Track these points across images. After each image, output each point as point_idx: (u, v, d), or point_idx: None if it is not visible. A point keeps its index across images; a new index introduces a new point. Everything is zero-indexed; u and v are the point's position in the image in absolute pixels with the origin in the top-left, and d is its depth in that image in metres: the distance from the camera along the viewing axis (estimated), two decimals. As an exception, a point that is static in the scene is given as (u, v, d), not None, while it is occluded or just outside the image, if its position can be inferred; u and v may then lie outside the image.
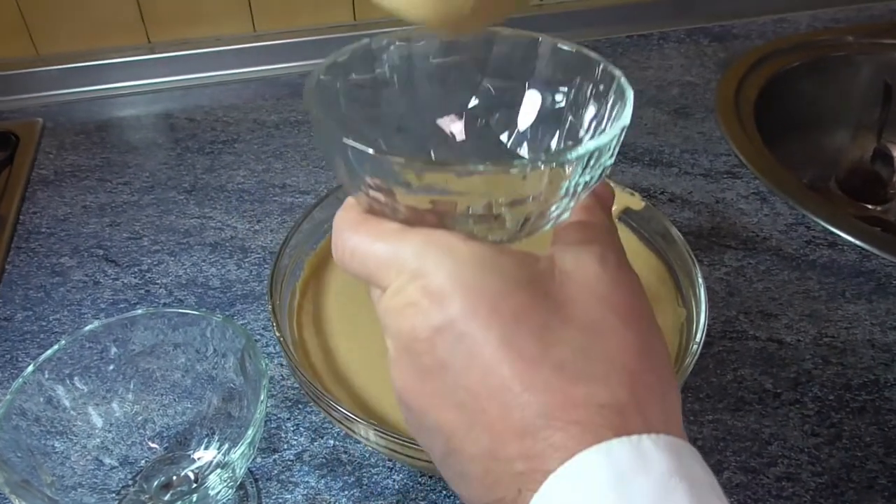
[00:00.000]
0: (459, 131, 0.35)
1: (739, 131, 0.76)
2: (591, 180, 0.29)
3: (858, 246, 0.63)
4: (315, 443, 0.49)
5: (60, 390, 0.42)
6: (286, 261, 0.49)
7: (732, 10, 0.95)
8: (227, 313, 0.58)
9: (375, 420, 0.42)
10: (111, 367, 0.44)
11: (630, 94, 0.30)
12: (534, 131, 0.34)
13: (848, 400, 0.51)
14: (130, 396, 0.45)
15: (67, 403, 0.43)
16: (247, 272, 0.62)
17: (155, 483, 0.44)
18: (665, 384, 0.27)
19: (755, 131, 0.77)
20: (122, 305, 0.59)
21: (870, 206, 0.84)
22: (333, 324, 0.49)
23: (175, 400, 0.46)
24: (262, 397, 0.39)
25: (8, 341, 0.57)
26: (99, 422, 0.44)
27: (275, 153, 0.75)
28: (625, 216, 0.53)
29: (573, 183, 0.28)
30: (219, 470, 0.38)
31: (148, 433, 0.45)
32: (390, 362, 0.28)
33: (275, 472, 0.48)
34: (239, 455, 0.38)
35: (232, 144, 0.77)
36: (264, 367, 0.41)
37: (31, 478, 0.38)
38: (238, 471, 0.39)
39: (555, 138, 0.34)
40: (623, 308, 0.27)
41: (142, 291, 0.61)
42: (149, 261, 0.63)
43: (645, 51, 0.90)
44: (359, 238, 0.29)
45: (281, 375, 0.53)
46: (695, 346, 0.43)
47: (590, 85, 0.32)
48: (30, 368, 0.41)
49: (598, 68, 0.32)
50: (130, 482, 0.43)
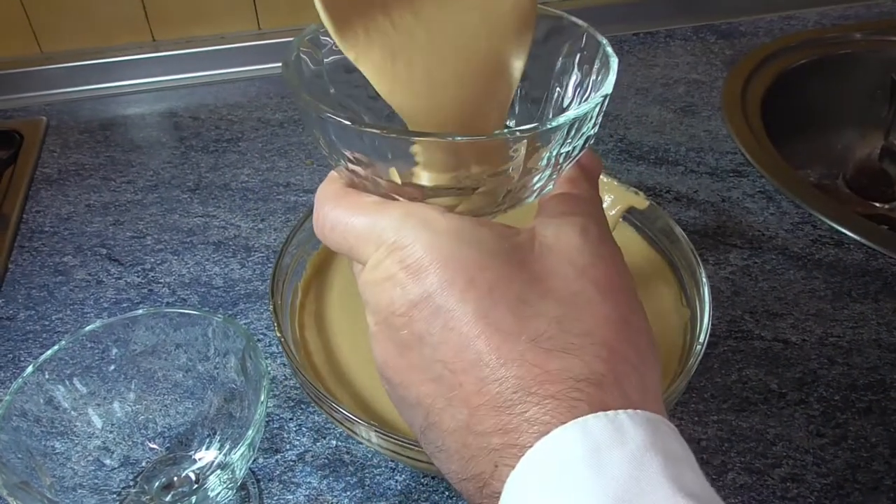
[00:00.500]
0: None
1: (746, 129, 0.76)
2: (574, 151, 0.29)
3: (865, 245, 0.63)
4: (317, 443, 0.49)
5: (61, 391, 0.42)
6: (288, 260, 0.49)
7: (739, 8, 0.94)
8: (230, 312, 0.58)
9: (377, 421, 0.41)
10: (112, 368, 0.44)
11: (614, 62, 0.30)
12: (521, 102, 0.34)
13: (854, 400, 0.51)
14: (131, 396, 0.45)
15: (68, 404, 0.42)
16: (250, 271, 0.62)
17: (156, 484, 0.44)
18: (644, 358, 0.27)
19: (762, 129, 0.77)
20: (125, 304, 0.59)
21: (877, 205, 0.84)
22: (336, 323, 0.48)
23: (176, 400, 0.46)
24: (263, 398, 0.39)
25: (10, 341, 0.57)
26: (99, 422, 0.44)
27: (279, 151, 0.75)
28: (628, 215, 0.52)
29: (554, 153, 0.28)
30: (219, 471, 0.38)
31: (149, 433, 0.45)
32: (370, 337, 0.28)
33: (277, 473, 0.47)
34: (239, 456, 0.38)
35: (236, 143, 0.77)
36: (265, 368, 0.40)
37: (31, 479, 0.38)
38: (238, 472, 0.39)
39: (540, 108, 0.34)
40: (603, 281, 0.27)
41: (145, 290, 0.60)
42: (152, 260, 0.63)
43: (651, 48, 0.89)
44: (339, 212, 0.29)
45: (283, 375, 0.53)
46: (698, 347, 0.42)
47: (576, 53, 0.32)
48: (30, 369, 0.40)
49: (584, 36, 0.32)
50: (131, 483, 0.43)
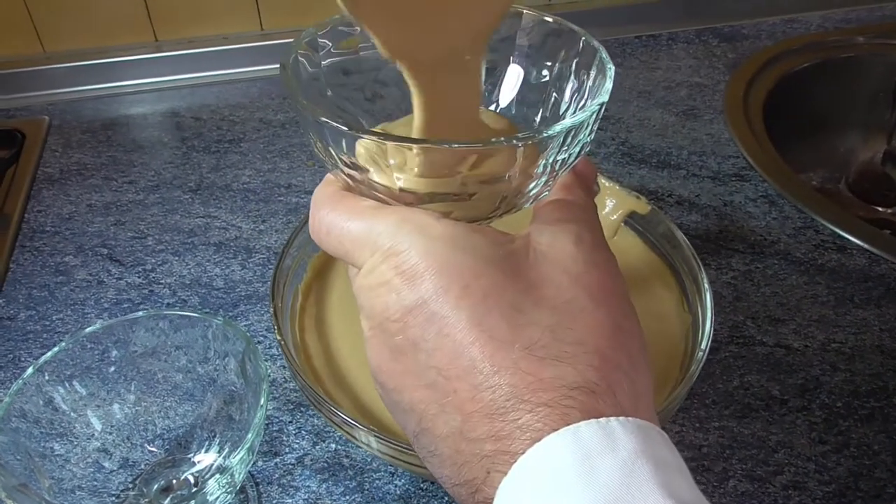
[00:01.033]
0: None
1: (748, 133, 0.76)
2: (570, 158, 0.29)
3: (868, 250, 0.63)
4: (317, 446, 0.49)
5: (61, 392, 0.42)
6: (289, 262, 0.49)
7: (742, 11, 0.94)
8: (231, 314, 0.58)
9: (377, 425, 0.41)
10: (112, 369, 0.44)
11: (611, 70, 0.30)
12: (518, 107, 0.34)
13: (856, 407, 0.51)
14: (131, 398, 0.45)
15: (67, 406, 0.42)
16: (251, 273, 0.62)
17: (155, 487, 0.43)
18: (636, 365, 0.27)
19: (764, 133, 0.76)
20: (126, 305, 0.59)
21: (880, 209, 0.83)
22: (336, 327, 0.48)
23: (176, 402, 0.46)
24: (262, 402, 0.39)
25: (11, 341, 0.56)
26: (99, 424, 0.44)
27: (281, 152, 0.75)
28: (630, 219, 0.52)
29: (550, 161, 0.28)
30: (217, 475, 0.38)
31: (148, 436, 0.45)
32: (365, 341, 0.28)
33: (276, 476, 0.47)
34: (238, 460, 0.38)
35: (238, 143, 0.76)
36: (264, 371, 0.40)
37: (30, 481, 0.38)
38: (237, 476, 0.39)
39: (538, 114, 0.33)
40: (596, 288, 0.27)
41: (145, 291, 0.60)
42: (153, 260, 0.63)
43: (654, 51, 0.89)
44: (335, 215, 0.29)
45: (283, 378, 0.53)
46: (700, 354, 0.42)
47: (573, 59, 0.32)
48: (30, 370, 0.40)
49: (581, 42, 0.31)
50: (130, 486, 0.43)
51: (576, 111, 0.31)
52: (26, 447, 0.39)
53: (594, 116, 0.28)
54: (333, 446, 0.49)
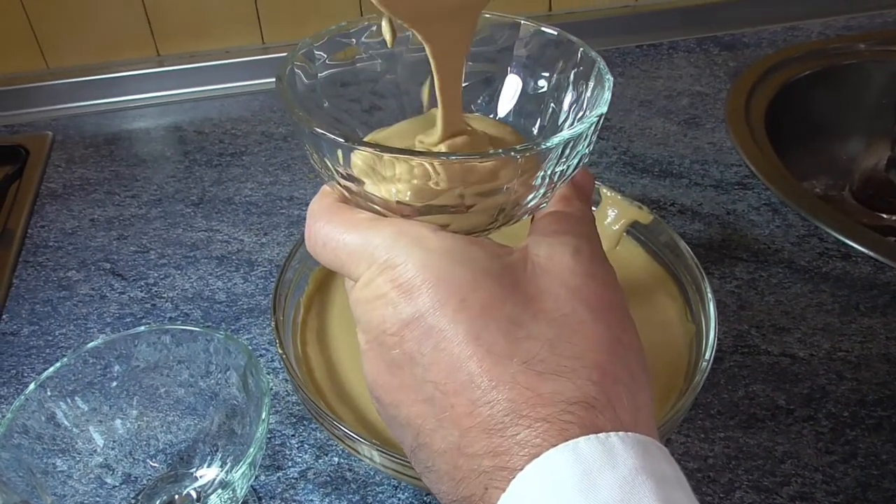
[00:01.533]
0: None
1: (750, 141, 0.75)
2: (568, 170, 0.29)
3: (872, 257, 0.62)
4: (319, 460, 0.49)
5: (63, 408, 0.42)
6: (291, 275, 0.49)
7: (742, 19, 0.94)
8: (233, 328, 0.58)
9: (379, 439, 0.41)
10: (114, 384, 0.44)
11: (609, 81, 0.30)
12: (516, 117, 0.34)
13: (863, 416, 0.50)
14: (133, 413, 0.45)
15: (69, 421, 0.42)
16: (253, 286, 0.62)
17: (157, 502, 0.43)
18: (636, 379, 0.27)
19: (766, 141, 0.76)
20: (128, 320, 0.59)
21: (885, 216, 0.83)
22: (338, 339, 0.48)
23: (178, 417, 0.46)
24: (264, 416, 0.39)
25: (14, 356, 0.56)
26: (101, 440, 0.43)
27: (282, 165, 0.75)
28: (632, 229, 0.52)
29: (549, 172, 0.28)
30: (220, 490, 0.38)
31: (150, 451, 0.45)
32: (361, 355, 0.28)
33: (278, 491, 0.47)
34: (240, 475, 0.37)
35: (240, 157, 0.77)
36: (266, 386, 0.40)
37: (32, 498, 0.38)
38: (239, 491, 0.39)
39: (536, 124, 0.33)
40: (595, 301, 0.27)
41: (148, 305, 0.60)
42: (155, 274, 0.63)
43: (654, 60, 0.89)
44: (331, 227, 0.29)
45: (285, 391, 0.53)
46: (704, 364, 0.42)
47: (571, 70, 0.32)
48: (31, 386, 0.40)
49: (579, 53, 0.31)
50: (132, 501, 0.43)
51: (574, 122, 0.31)
52: (28, 463, 0.39)
53: (593, 128, 0.28)
54: (336, 460, 0.49)
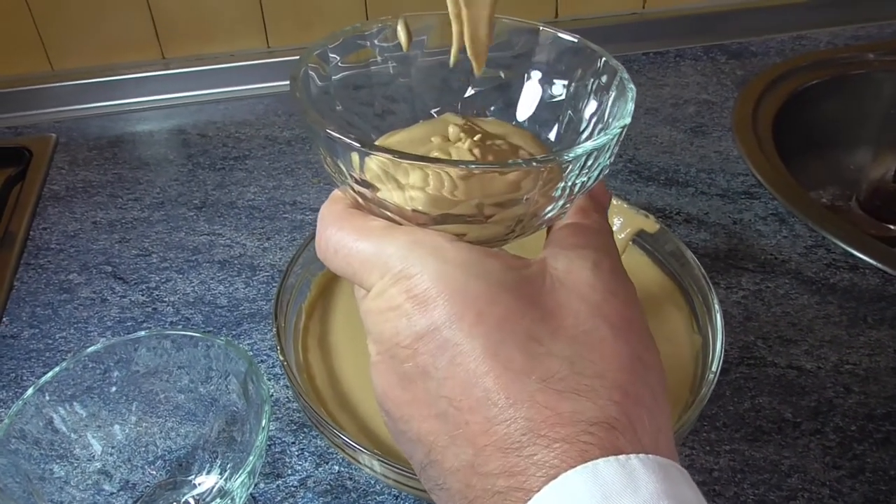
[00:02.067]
0: None
1: (757, 150, 0.75)
2: (588, 181, 0.28)
3: (881, 269, 0.62)
4: (320, 468, 0.48)
5: (61, 413, 0.41)
6: (293, 280, 0.49)
7: (750, 28, 0.94)
8: (234, 332, 0.58)
9: (381, 449, 0.40)
10: (113, 389, 0.44)
11: (632, 91, 0.29)
12: (531, 124, 0.33)
13: (871, 430, 0.50)
14: (132, 419, 0.44)
15: (68, 427, 0.42)
16: (255, 290, 0.61)
17: (155, 509, 0.43)
18: (657, 400, 0.26)
19: (773, 150, 0.76)
20: (129, 324, 0.59)
21: (892, 227, 0.82)
22: (340, 347, 0.48)
23: (177, 423, 0.45)
24: (264, 424, 0.38)
25: (13, 359, 0.56)
26: (99, 445, 0.43)
27: (286, 170, 0.75)
28: (638, 238, 0.52)
29: (569, 184, 0.27)
30: (218, 499, 0.37)
31: (149, 457, 0.44)
32: (371, 366, 0.28)
33: (278, 499, 0.46)
34: (239, 484, 0.37)
35: (243, 161, 0.76)
36: (266, 393, 0.40)
37: (28, 504, 0.38)
38: (238, 500, 0.38)
39: (553, 132, 0.33)
40: (615, 318, 0.26)
41: (149, 309, 0.60)
42: (157, 278, 0.63)
43: (661, 68, 0.89)
44: (343, 234, 0.28)
45: (286, 398, 0.52)
46: (711, 376, 0.41)
47: (591, 79, 0.31)
48: (30, 391, 0.40)
49: (600, 62, 0.31)
50: (130, 508, 0.43)
51: (594, 132, 0.31)
52: (25, 469, 0.39)
53: (616, 139, 0.27)
54: (337, 468, 0.48)
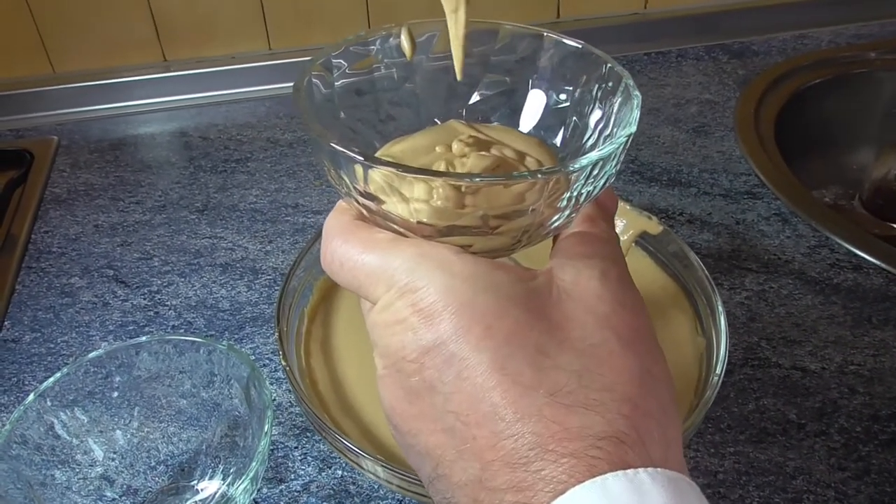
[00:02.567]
0: None
1: (760, 150, 0.75)
2: (595, 190, 0.28)
3: (885, 269, 0.61)
4: (323, 473, 0.48)
5: (62, 419, 0.41)
6: (295, 284, 0.48)
7: (752, 27, 0.94)
8: (237, 336, 0.57)
9: (384, 454, 0.40)
10: (115, 394, 0.44)
11: (637, 98, 0.29)
12: (536, 130, 0.33)
13: (876, 431, 0.49)
14: (134, 424, 0.44)
15: (69, 432, 0.42)
16: (257, 294, 0.61)
17: (158, 515, 0.43)
18: (667, 412, 0.26)
19: (776, 150, 0.75)
20: (131, 327, 0.59)
21: (895, 226, 0.82)
22: (343, 351, 0.47)
23: (179, 428, 0.45)
24: (266, 429, 0.38)
25: (15, 364, 0.56)
26: (101, 451, 0.43)
27: (288, 172, 0.75)
28: (641, 239, 0.51)
29: (575, 193, 0.27)
30: (221, 505, 0.37)
31: (151, 462, 0.44)
32: (378, 379, 0.27)
33: None
34: (241, 490, 0.37)
35: (245, 163, 0.76)
36: (269, 398, 0.40)
37: (30, 511, 0.38)
38: (241, 505, 0.38)
39: (559, 137, 0.33)
40: (624, 330, 0.26)
41: (151, 313, 0.60)
42: (158, 282, 0.63)
43: (663, 68, 0.88)
44: (348, 247, 0.28)
45: (289, 402, 0.52)
46: (715, 378, 0.41)
47: (595, 85, 0.31)
48: (31, 397, 0.40)
49: (605, 67, 0.30)
50: (133, 513, 0.42)
51: (600, 140, 0.30)
52: (26, 475, 0.39)
53: (622, 148, 0.27)
54: (340, 473, 0.48)
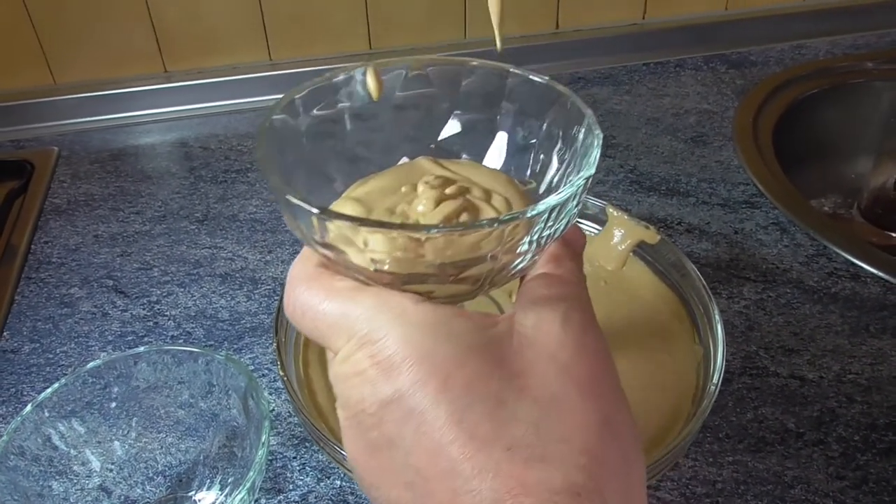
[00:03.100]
0: None
1: (758, 160, 0.75)
2: (556, 232, 0.27)
3: (882, 278, 0.61)
4: (321, 483, 0.48)
5: (60, 430, 0.41)
6: (293, 295, 0.49)
7: (750, 37, 0.94)
8: (236, 346, 0.57)
9: (381, 463, 0.40)
10: (113, 405, 0.44)
11: (598, 137, 0.28)
12: (505, 166, 0.33)
13: (874, 441, 0.49)
14: (132, 435, 0.44)
15: (67, 443, 0.42)
16: (256, 304, 0.61)
17: (155, 525, 0.43)
18: (627, 460, 0.25)
19: (774, 159, 0.76)
20: (130, 338, 0.59)
21: (894, 235, 0.82)
22: (340, 360, 0.47)
23: (177, 438, 0.45)
24: (264, 440, 0.38)
25: (14, 374, 0.56)
26: (99, 461, 0.43)
27: (287, 182, 0.75)
28: (639, 249, 0.51)
29: (535, 238, 0.27)
30: (218, 515, 0.37)
31: (149, 473, 0.44)
32: (341, 430, 0.27)
33: (279, 513, 0.46)
34: (239, 500, 0.37)
35: (245, 173, 0.76)
36: (266, 409, 0.40)
37: (28, 521, 0.38)
38: (238, 516, 0.38)
39: (528, 172, 0.32)
40: (585, 379, 0.26)
41: (150, 323, 0.60)
42: (158, 292, 0.63)
43: (661, 78, 0.89)
44: (310, 294, 0.27)
45: (287, 412, 0.52)
46: (713, 387, 0.41)
47: (561, 121, 0.31)
48: (28, 407, 0.40)
49: (569, 104, 0.30)
50: (130, 524, 0.42)
51: (564, 178, 0.30)
52: (24, 487, 0.39)
53: (581, 190, 0.27)
54: (338, 483, 0.48)
